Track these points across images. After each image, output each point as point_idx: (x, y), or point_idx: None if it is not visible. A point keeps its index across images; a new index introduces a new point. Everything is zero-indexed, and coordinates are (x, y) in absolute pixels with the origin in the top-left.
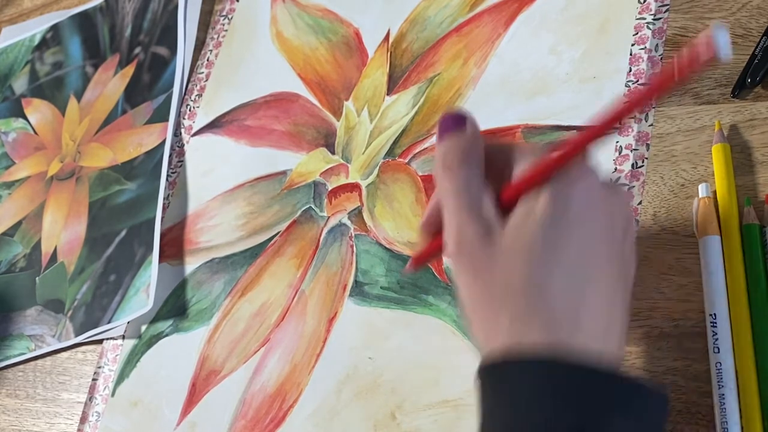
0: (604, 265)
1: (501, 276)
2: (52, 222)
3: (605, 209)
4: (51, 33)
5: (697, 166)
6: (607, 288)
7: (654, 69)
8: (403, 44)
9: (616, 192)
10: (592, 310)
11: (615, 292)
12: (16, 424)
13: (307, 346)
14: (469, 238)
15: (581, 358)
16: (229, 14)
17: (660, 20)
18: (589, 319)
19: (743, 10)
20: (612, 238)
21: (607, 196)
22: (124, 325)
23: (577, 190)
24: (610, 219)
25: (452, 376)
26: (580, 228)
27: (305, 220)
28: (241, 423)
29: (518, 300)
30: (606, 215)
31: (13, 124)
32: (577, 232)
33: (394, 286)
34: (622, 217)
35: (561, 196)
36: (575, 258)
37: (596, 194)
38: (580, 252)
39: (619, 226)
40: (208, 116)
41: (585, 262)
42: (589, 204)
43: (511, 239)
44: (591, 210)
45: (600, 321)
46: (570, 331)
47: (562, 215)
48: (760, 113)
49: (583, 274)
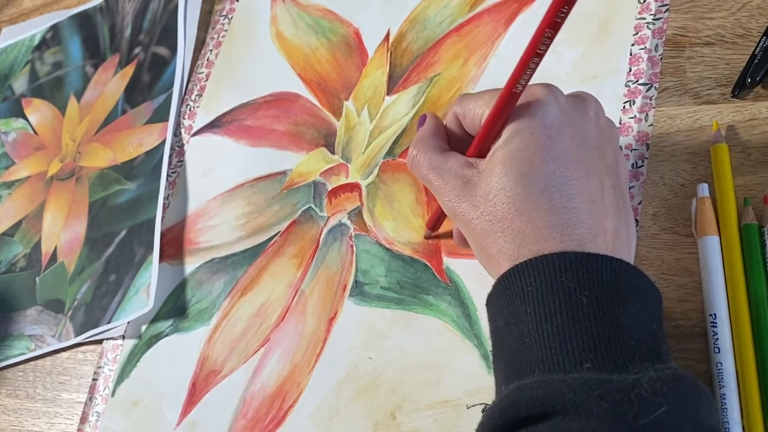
0: (582, 178)
1: (488, 213)
2: (52, 222)
3: (572, 129)
4: (51, 33)
5: (697, 166)
6: (591, 200)
7: (654, 69)
8: (403, 44)
9: (584, 105)
10: (579, 223)
11: (602, 202)
12: (16, 424)
13: (307, 346)
14: (452, 198)
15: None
16: (229, 14)
17: (660, 20)
18: (575, 231)
19: (743, 10)
20: (586, 153)
21: (573, 113)
22: (124, 325)
23: (539, 119)
24: (579, 136)
25: (452, 376)
26: (549, 152)
27: (305, 220)
28: (241, 423)
29: (507, 225)
30: (574, 134)
31: (13, 124)
32: (546, 157)
33: (394, 286)
34: (593, 130)
35: (525, 128)
36: (548, 181)
37: (559, 117)
38: (553, 174)
39: (591, 140)
40: (208, 116)
41: (560, 182)
42: (554, 128)
43: (487, 180)
44: (557, 133)
45: (588, 230)
46: (561, 241)
47: (529, 146)
48: (760, 113)
49: (561, 193)
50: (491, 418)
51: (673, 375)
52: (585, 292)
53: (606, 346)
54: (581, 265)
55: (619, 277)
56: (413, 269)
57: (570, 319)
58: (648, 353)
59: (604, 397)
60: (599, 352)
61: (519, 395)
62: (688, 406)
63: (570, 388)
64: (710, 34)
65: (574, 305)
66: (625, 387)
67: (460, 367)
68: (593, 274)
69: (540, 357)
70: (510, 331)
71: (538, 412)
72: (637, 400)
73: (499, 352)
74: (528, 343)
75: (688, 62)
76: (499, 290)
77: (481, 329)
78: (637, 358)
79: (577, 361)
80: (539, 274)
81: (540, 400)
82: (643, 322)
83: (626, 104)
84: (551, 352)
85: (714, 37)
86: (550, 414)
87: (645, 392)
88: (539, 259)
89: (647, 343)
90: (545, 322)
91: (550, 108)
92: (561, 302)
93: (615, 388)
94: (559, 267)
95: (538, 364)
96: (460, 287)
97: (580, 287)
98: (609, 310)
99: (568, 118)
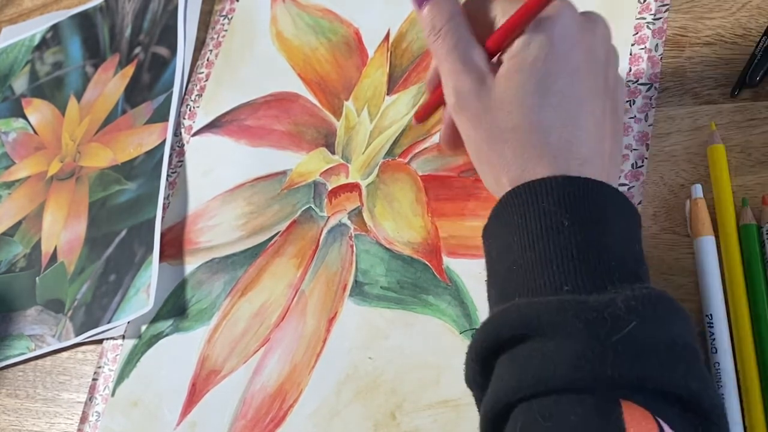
0: (589, 97)
1: (498, 119)
2: (52, 222)
3: (584, 45)
4: (51, 33)
5: (697, 166)
6: (595, 120)
7: (654, 69)
8: (403, 44)
9: (594, 25)
10: (583, 141)
11: (603, 123)
12: (16, 424)
13: (307, 346)
14: (466, 89)
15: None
16: (229, 14)
17: (660, 20)
18: (580, 149)
19: (743, 10)
20: (595, 71)
21: (585, 30)
22: (124, 325)
23: (555, 31)
24: (590, 53)
25: (452, 376)
26: (563, 66)
27: (305, 220)
28: (241, 423)
29: (516, 137)
30: (586, 51)
31: (13, 124)
32: (560, 70)
33: (394, 286)
34: (602, 49)
35: (542, 39)
36: (561, 95)
37: (574, 32)
38: (565, 89)
39: (600, 59)
40: (208, 116)
41: (571, 97)
42: (568, 42)
43: (503, 86)
44: (571, 48)
45: (590, 150)
46: (565, 159)
47: (545, 57)
48: (760, 113)
49: (570, 110)
50: (476, 340)
51: (648, 294)
52: (566, 214)
53: (585, 267)
54: (563, 189)
55: (602, 198)
56: (413, 269)
57: (551, 243)
58: (628, 274)
59: (578, 316)
60: (579, 274)
61: (501, 319)
62: (661, 323)
63: (546, 310)
64: (710, 34)
65: (555, 228)
66: (599, 306)
67: (460, 367)
68: (574, 197)
69: (523, 283)
70: (501, 261)
71: (519, 333)
72: (610, 318)
73: (491, 282)
74: (515, 271)
75: (688, 62)
76: (492, 222)
77: None
78: (617, 279)
79: (557, 284)
80: (524, 201)
81: (518, 321)
82: (625, 243)
83: (626, 104)
84: (533, 276)
85: (714, 37)
86: (529, 336)
87: (618, 311)
88: (524, 186)
89: (629, 264)
90: (529, 249)
91: (567, 21)
92: (543, 227)
93: (589, 308)
94: (542, 192)
95: (522, 289)
96: (460, 287)
97: (561, 210)
98: (590, 231)
99: (582, 33)
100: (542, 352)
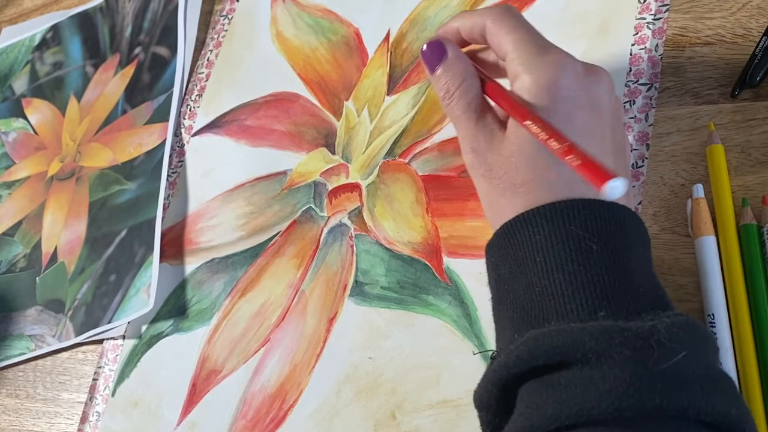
0: (596, 151)
1: (510, 175)
2: (52, 222)
3: (588, 103)
4: (51, 33)
5: (697, 166)
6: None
7: (654, 69)
8: (403, 44)
9: (598, 80)
10: None
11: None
12: (16, 424)
13: (307, 346)
14: (480, 148)
15: (583, 200)
16: (229, 14)
17: (660, 20)
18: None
19: (743, 10)
20: (600, 129)
21: (588, 88)
22: (125, 325)
23: (558, 94)
24: (594, 110)
25: (452, 376)
26: (566, 126)
27: (305, 220)
28: (242, 423)
29: (527, 190)
30: (589, 109)
31: (13, 124)
32: (565, 130)
33: (394, 286)
34: (607, 106)
35: (545, 101)
36: None
37: (576, 91)
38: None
39: (605, 116)
40: (208, 116)
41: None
42: (570, 103)
43: (511, 147)
44: (573, 108)
45: None
46: (570, 192)
47: (550, 116)
48: (760, 113)
49: None
50: (505, 365)
51: (686, 321)
52: (594, 239)
53: (619, 293)
54: (589, 212)
55: (624, 223)
56: (413, 269)
57: (581, 268)
58: (656, 300)
59: (625, 344)
60: (613, 300)
61: (537, 343)
62: (700, 351)
63: (591, 336)
64: (710, 34)
65: (585, 253)
66: (644, 334)
67: (460, 367)
68: (601, 221)
69: (553, 306)
70: (516, 280)
71: (555, 361)
72: (656, 346)
73: (503, 300)
74: (538, 292)
75: (688, 62)
76: (504, 238)
77: (482, 329)
78: (648, 305)
79: (591, 309)
80: (547, 222)
81: (559, 348)
82: (646, 268)
83: (626, 104)
84: (564, 300)
85: (714, 37)
86: (568, 362)
87: (663, 338)
88: (546, 207)
89: (652, 289)
90: (557, 271)
91: (568, 81)
92: (571, 250)
93: (635, 335)
94: (567, 215)
95: (552, 312)
96: (460, 287)
97: (589, 234)
98: (618, 257)
99: (584, 91)
100: (585, 380)
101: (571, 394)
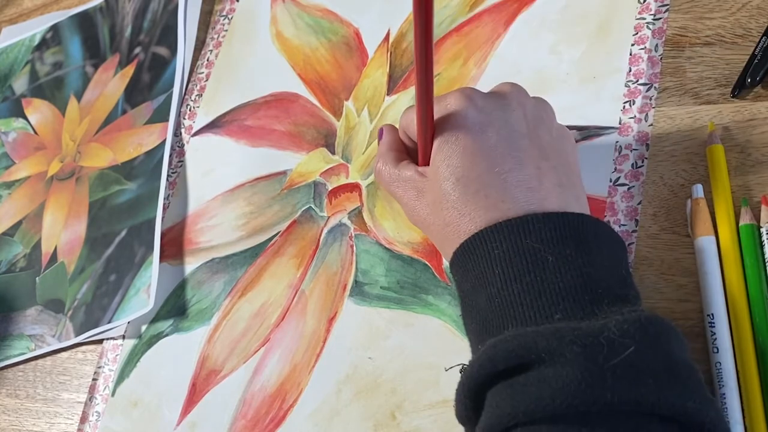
0: (517, 168)
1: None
2: (52, 222)
3: (496, 123)
4: (51, 33)
5: (697, 166)
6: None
7: (654, 69)
8: (403, 44)
9: (503, 98)
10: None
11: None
12: (16, 424)
13: (307, 346)
14: (409, 205)
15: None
16: (229, 14)
17: (660, 20)
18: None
19: (743, 10)
20: (516, 141)
21: (493, 108)
22: (125, 325)
23: (460, 125)
24: (505, 128)
25: (452, 376)
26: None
27: (305, 220)
28: (241, 423)
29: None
30: (499, 127)
31: (13, 124)
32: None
33: (394, 286)
34: (520, 116)
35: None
36: (483, 180)
37: (478, 117)
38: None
39: (519, 127)
40: (208, 116)
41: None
42: (475, 129)
43: (432, 191)
44: (480, 132)
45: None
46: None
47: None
48: (760, 113)
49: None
50: (470, 376)
51: (639, 317)
52: (549, 250)
53: (573, 296)
54: (543, 225)
55: (581, 229)
56: (413, 269)
57: (538, 278)
58: (616, 298)
59: (575, 342)
60: (567, 302)
61: (495, 350)
62: (656, 344)
63: (543, 337)
64: (710, 34)
65: (540, 264)
66: (594, 331)
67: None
68: (555, 232)
69: (512, 314)
70: (477, 293)
71: (514, 363)
72: (606, 342)
73: (468, 314)
74: (498, 303)
75: (688, 62)
76: (464, 255)
77: None
78: (605, 304)
79: (547, 313)
80: (505, 238)
81: (515, 351)
82: (610, 269)
83: (626, 104)
84: (523, 309)
85: (714, 37)
86: (526, 364)
87: (613, 335)
88: (503, 223)
89: (615, 288)
90: (515, 282)
91: (469, 112)
92: (528, 263)
93: (585, 333)
94: (523, 230)
95: (510, 321)
96: None
97: (545, 246)
98: (573, 263)
99: (489, 116)
100: (539, 378)
101: (527, 393)
